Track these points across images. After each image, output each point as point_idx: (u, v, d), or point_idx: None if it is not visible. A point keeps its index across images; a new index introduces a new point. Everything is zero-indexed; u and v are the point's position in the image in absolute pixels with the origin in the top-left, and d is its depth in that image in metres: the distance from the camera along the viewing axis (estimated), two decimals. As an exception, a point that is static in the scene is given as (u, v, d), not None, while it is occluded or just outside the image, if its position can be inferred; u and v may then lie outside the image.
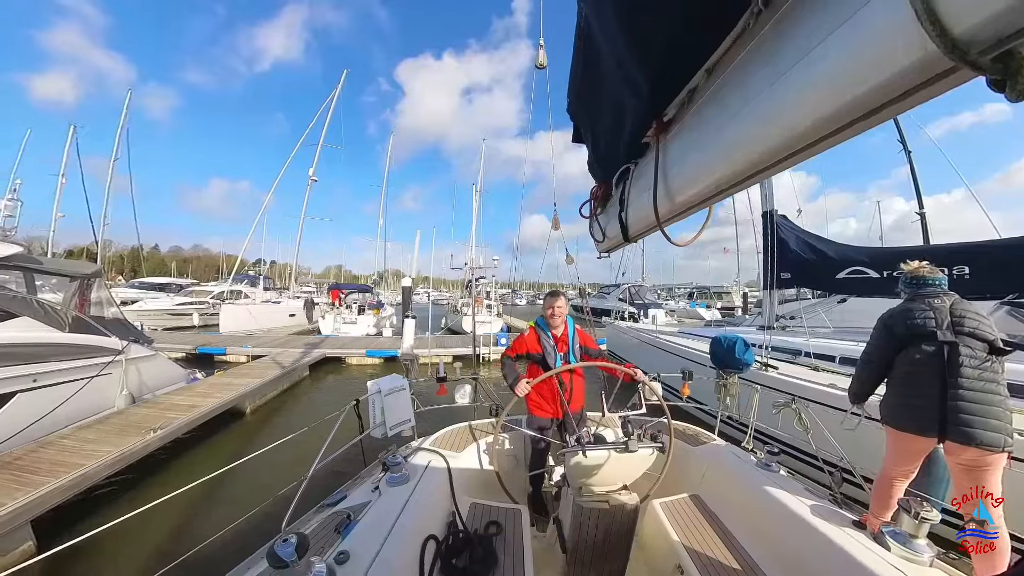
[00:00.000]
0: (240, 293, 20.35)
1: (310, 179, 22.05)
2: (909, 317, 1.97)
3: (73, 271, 5.59)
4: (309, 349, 10.74)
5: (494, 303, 19.07)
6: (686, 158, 0.96)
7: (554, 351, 2.64)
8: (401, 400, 3.08)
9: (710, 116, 0.86)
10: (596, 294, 26.86)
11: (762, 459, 2.36)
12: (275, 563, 1.08)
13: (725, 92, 0.81)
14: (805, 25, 0.60)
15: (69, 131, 25.27)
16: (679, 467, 2.56)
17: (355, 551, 1.40)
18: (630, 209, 1.36)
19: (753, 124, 0.72)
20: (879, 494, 2.00)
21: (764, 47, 0.70)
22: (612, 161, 1.44)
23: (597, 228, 1.79)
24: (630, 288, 21.27)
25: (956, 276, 4.46)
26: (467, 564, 1.67)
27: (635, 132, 1.20)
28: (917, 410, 1.86)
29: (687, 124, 0.98)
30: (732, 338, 3.44)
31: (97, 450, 4.21)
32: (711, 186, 0.91)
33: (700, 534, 2.04)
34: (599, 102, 1.40)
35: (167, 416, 5.21)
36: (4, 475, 3.65)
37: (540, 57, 3.83)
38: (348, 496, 1.99)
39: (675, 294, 36.57)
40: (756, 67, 0.71)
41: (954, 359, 1.80)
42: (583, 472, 2.02)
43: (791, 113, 0.64)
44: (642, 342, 8.89)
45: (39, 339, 4.69)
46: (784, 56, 0.63)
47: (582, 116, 1.68)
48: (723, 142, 0.81)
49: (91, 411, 5.20)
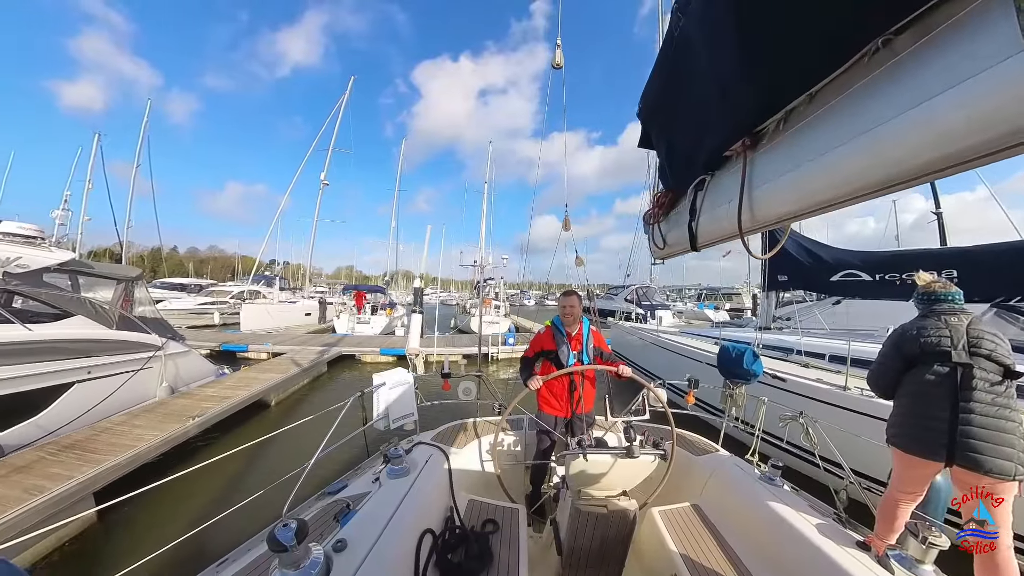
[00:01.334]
0: (258, 293, 21.09)
1: (321, 183, 22.71)
2: (922, 335, 1.88)
3: (119, 274, 6.11)
4: (327, 347, 11.24)
5: (502, 304, 19.45)
6: (779, 176, 0.98)
7: (568, 349, 2.64)
8: (404, 394, 3.13)
9: (809, 139, 0.89)
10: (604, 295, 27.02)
11: (766, 472, 2.27)
12: (275, 547, 1.09)
13: (830, 119, 0.84)
14: (928, 72, 0.64)
15: (94, 139, 26.46)
16: (680, 476, 2.52)
17: (353, 540, 1.41)
18: (702, 218, 1.36)
19: (859, 154, 0.75)
20: (884, 515, 1.91)
21: (880, 84, 0.73)
22: (688, 170, 1.45)
23: (657, 235, 1.79)
24: (638, 289, 21.44)
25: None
26: (462, 560, 1.67)
27: (720, 145, 1.20)
28: (926, 432, 1.78)
29: (783, 143, 0.99)
30: (741, 348, 3.37)
31: (144, 434, 4.68)
32: (804, 206, 0.94)
33: (698, 545, 2.00)
34: (683, 111, 1.41)
35: (202, 406, 5.67)
36: (69, 454, 4.12)
37: (557, 57, 3.77)
38: (349, 485, 2.01)
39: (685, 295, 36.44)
40: (869, 101, 0.74)
41: (967, 382, 1.72)
42: (583, 475, 1.99)
43: (901, 151, 0.67)
44: (645, 342, 9.16)
45: (92, 335, 5.19)
46: (902, 97, 0.67)
47: (657, 123, 1.67)
48: (824, 166, 0.84)
49: (136, 400, 5.70)
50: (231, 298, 20.65)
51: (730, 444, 2.98)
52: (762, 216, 1.06)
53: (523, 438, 2.97)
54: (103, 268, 6.19)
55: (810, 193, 0.89)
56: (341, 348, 11.44)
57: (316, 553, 1.22)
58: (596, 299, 33.24)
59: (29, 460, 4.00)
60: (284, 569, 1.14)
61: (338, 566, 1.27)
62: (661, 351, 8.15)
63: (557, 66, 3.77)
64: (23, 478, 3.68)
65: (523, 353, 2.86)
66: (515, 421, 3.12)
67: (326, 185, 22.89)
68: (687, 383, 3.53)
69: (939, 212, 9.41)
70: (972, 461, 1.65)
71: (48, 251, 5.09)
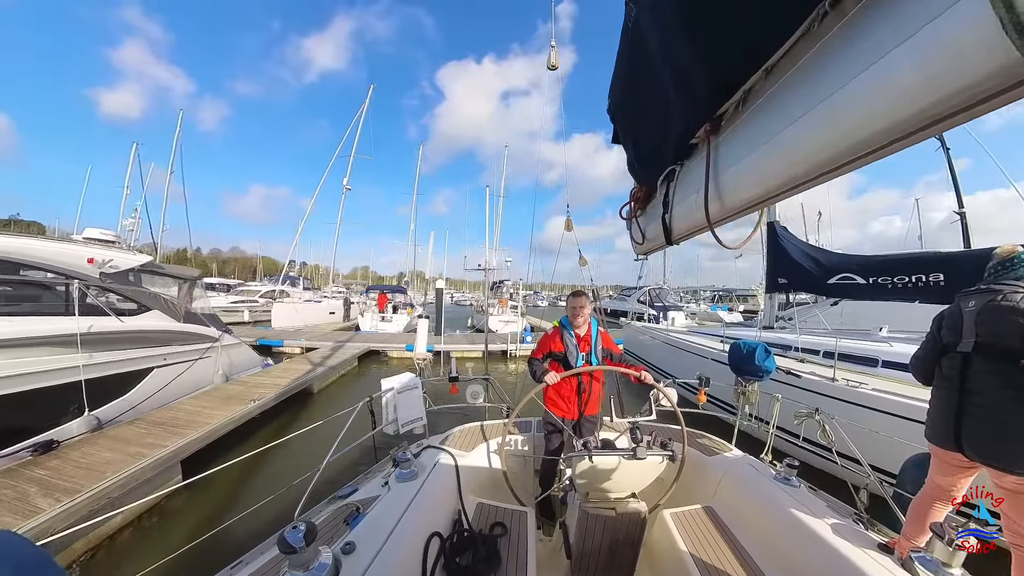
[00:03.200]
0: (284, 293, 22.13)
1: (344, 188, 23.66)
2: (951, 317, 1.78)
3: (184, 275, 6.92)
4: (355, 343, 12.02)
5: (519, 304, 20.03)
6: (740, 160, 0.95)
7: (576, 350, 2.63)
8: (413, 398, 3.13)
9: (768, 118, 0.86)
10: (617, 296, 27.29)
11: (781, 472, 2.22)
12: (285, 549, 1.11)
13: (786, 94, 0.81)
14: (876, 30, 0.60)
15: (132, 148, 28.11)
16: (692, 477, 2.47)
17: (361, 543, 1.43)
18: (675, 211, 1.33)
19: (817, 127, 0.71)
20: (915, 515, 1.83)
21: (831, 50, 0.69)
22: (656, 162, 1.41)
23: (636, 230, 1.77)
24: (650, 290, 21.70)
25: (932, 283, 5.09)
26: (470, 563, 1.66)
27: (684, 133, 1.19)
28: (940, 418, 1.73)
29: (742, 125, 0.96)
30: (752, 344, 3.28)
31: (215, 414, 5.41)
32: (769, 188, 0.90)
33: (712, 548, 1.94)
34: (645, 103, 1.38)
35: (256, 391, 6.40)
36: (158, 428, 4.86)
37: (552, 58, 3.67)
38: (359, 489, 2.02)
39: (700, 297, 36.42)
40: (821, 70, 0.71)
41: (969, 367, 1.64)
42: (590, 478, 1.98)
43: (859, 118, 0.63)
44: (655, 340, 9.64)
45: (166, 327, 5.96)
46: (853, 60, 0.63)
47: (624, 117, 1.65)
48: (783, 144, 0.80)
49: (198, 385, 6.47)
50: (260, 297, 21.74)
51: (744, 443, 2.92)
52: (730, 203, 1.02)
53: (531, 440, 2.95)
54: (171, 269, 6.98)
55: (772, 175, 0.86)
56: (369, 344, 12.22)
57: (324, 555, 1.23)
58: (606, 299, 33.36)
59: (127, 432, 4.75)
60: (293, 571, 1.15)
61: (346, 568, 1.29)
62: (670, 348, 8.64)
63: (553, 67, 3.70)
64: (124, 446, 4.41)
65: (531, 353, 2.84)
66: (523, 423, 3.09)
67: (348, 190, 23.87)
68: (698, 381, 3.43)
69: (962, 212, 9.17)
70: (978, 450, 1.58)
71: (132, 254, 5.87)
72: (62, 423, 4.55)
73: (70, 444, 4.37)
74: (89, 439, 4.53)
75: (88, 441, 4.48)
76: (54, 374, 4.43)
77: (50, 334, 4.42)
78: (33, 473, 3.77)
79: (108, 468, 3.89)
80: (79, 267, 4.90)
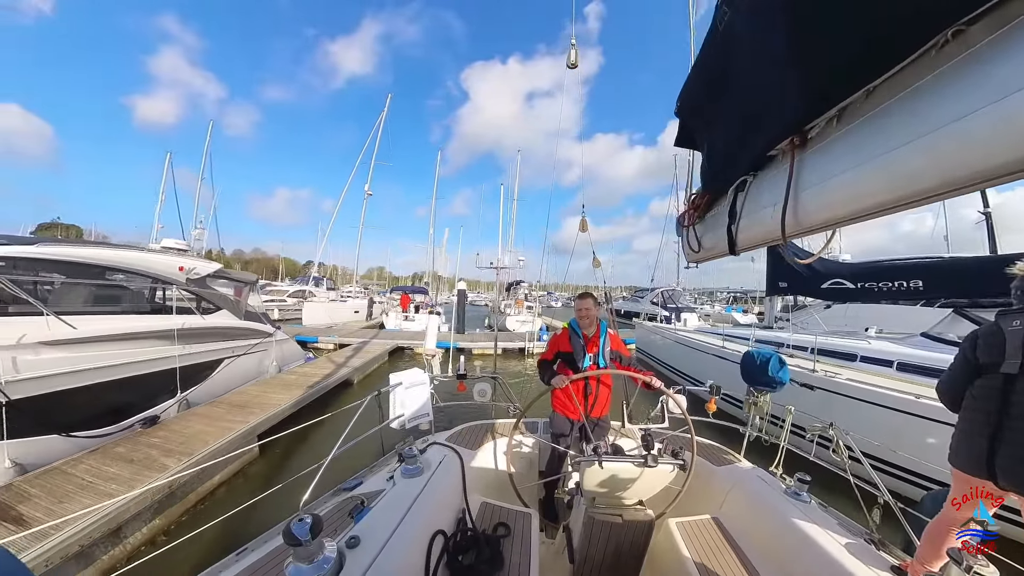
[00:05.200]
0: (311, 293, 23.36)
1: (366, 193, 24.77)
2: (984, 339, 1.68)
3: (245, 279, 7.91)
4: (384, 340, 12.98)
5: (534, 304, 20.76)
6: (829, 178, 0.93)
7: (583, 351, 2.62)
8: (420, 395, 3.13)
9: (866, 139, 0.83)
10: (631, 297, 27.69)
11: (791, 487, 2.17)
12: (290, 540, 1.11)
13: (890, 117, 0.79)
14: (1008, 66, 0.59)
15: (166, 157, 30.03)
16: (700, 486, 2.44)
17: (365, 537, 1.43)
18: (743, 221, 1.31)
19: (923, 155, 0.70)
20: (930, 538, 1.77)
21: (949, 79, 0.68)
22: (729, 170, 1.39)
23: (692, 238, 1.73)
24: (663, 292, 22.14)
25: (912, 288, 5.65)
26: (473, 562, 1.66)
27: (766, 144, 1.16)
28: (971, 443, 1.64)
29: (833, 142, 0.94)
30: (766, 354, 3.21)
31: (278, 397, 6.33)
32: (856, 209, 0.88)
33: (717, 560, 1.92)
34: (726, 109, 1.37)
35: (309, 380, 7.32)
36: (235, 409, 5.79)
37: (572, 56, 3.62)
38: (364, 483, 2.01)
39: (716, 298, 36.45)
40: (936, 98, 0.69)
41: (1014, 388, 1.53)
42: (598, 483, 1.94)
43: (975, 152, 0.63)
44: (666, 340, 10.28)
45: (233, 324, 6.92)
46: (976, 94, 0.62)
47: (699, 121, 1.62)
48: (881, 168, 0.79)
49: (256, 375, 7.43)
50: (288, 297, 23.03)
51: (753, 452, 2.90)
52: (808, 220, 1.02)
53: (537, 442, 2.93)
54: (235, 274, 7.95)
55: (863, 196, 0.85)
56: (396, 341, 13.17)
57: (329, 548, 1.23)
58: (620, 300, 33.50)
59: (210, 411, 5.69)
60: (298, 563, 1.16)
61: (350, 562, 1.29)
62: (678, 347, 9.29)
63: (572, 65, 3.66)
64: (213, 422, 5.33)
65: (540, 356, 2.85)
66: (530, 424, 3.08)
67: (369, 195, 25.00)
68: (708, 390, 3.40)
69: (988, 212, 8.75)
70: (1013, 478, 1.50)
71: (207, 262, 6.84)
72: (159, 403, 5.48)
73: (168, 420, 5.31)
74: (182, 416, 5.46)
75: (181, 418, 5.41)
76: (158, 362, 5.37)
77: (156, 329, 5.37)
78: (149, 440, 4.69)
79: (208, 437, 4.80)
80: (173, 274, 5.86)
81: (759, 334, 7.04)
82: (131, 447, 4.50)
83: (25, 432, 3.98)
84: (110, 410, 4.88)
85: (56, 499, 3.47)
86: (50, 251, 4.66)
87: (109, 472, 3.95)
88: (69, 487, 3.66)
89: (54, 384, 4.25)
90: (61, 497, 3.50)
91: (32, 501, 3.43)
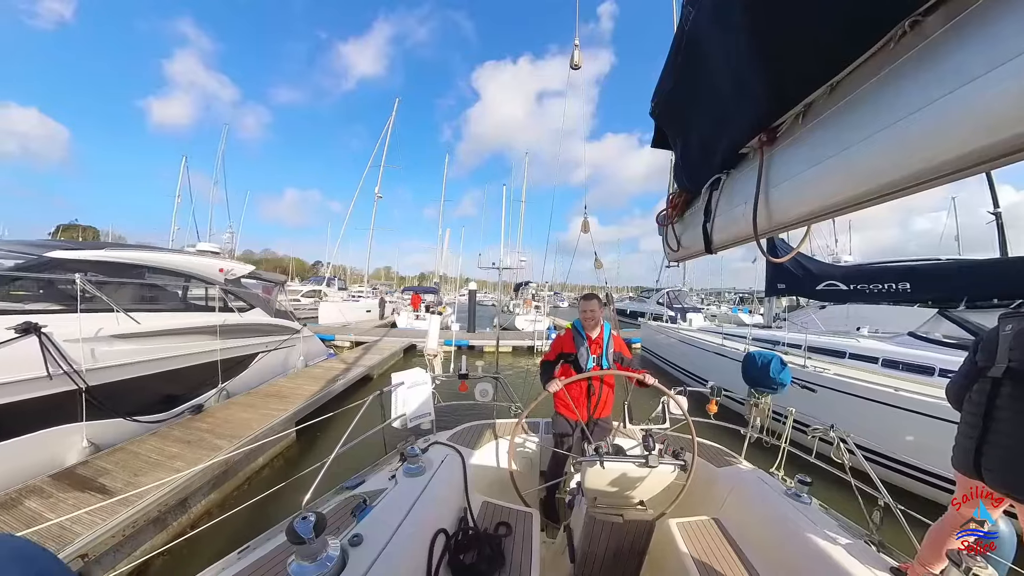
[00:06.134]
0: (324, 293, 24.03)
1: (376, 197, 25.37)
2: (988, 340, 1.69)
3: (275, 279, 8.48)
4: (398, 338, 13.54)
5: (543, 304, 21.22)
6: (797, 174, 0.94)
7: (587, 352, 2.63)
8: (422, 394, 3.14)
9: (831, 134, 0.84)
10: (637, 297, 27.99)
11: (792, 488, 2.18)
12: (293, 539, 1.11)
13: (853, 111, 0.80)
14: (964, 55, 0.59)
15: (182, 160, 30.98)
16: (701, 487, 2.47)
17: (368, 535, 1.44)
18: (718, 220, 1.32)
19: (886, 148, 0.71)
20: (932, 541, 1.78)
21: (908, 71, 0.68)
22: (703, 169, 1.40)
23: (672, 237, 1.74)
24: (669, 292, 22.47)
25: (900, 290, 6.04)
26: (474, 561, 1.67)
27: (737, 142, 1.18)
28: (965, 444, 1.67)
29: (800, 139, 0.95)
30: (768, 356, 3.23)
31: (309, 388, 6.87)
32: (825, 205, 0.89)
33: (717, 560, 1.94)
34: (696, 108, 1.37)
35: (332, 374, 7.85)
36: (271, 399, 6.34)
37: (576, 58, 3.56)
38: (366, 481, 2.02)
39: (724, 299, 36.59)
40: (896, 90, 0.70)
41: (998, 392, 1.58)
42: (599, 483, 1.97)
43: (937, 142, 0.62)
44: (670, 339, 10.70)
45: (266, 321, 7.47)
46: (935, 83, 0.62)
47: (672, 121, 1.63)
48: (846, 163, 0.79)
49: (284, 369, 7.99)
50: (302, 296, 23.74)
51: (754, 453, 2.91)
52: (779, 217, 1.03)
53: (539, 442, 2.95)
54: (265, 275, 8.53)
55: (831, 192, 0.85)
56: (409, 339, 13.75)
57: (332, 547, 1.24)
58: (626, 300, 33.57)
59: (249, 400, 6.24)
60: (301, 561, 1.16)
61: (353, 560, 1.30)
62: (681, 345, 9.71)
63: (576, 67, 3.61)
64: (253, 410, 5.87)
65: (543, 356, 2.86)
66: (531, 424, 3.09)
67: (380, 198, 25.61)
68: (709, 391, 3.40)
69: (997, 212, 8.92)
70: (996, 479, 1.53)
71: (243, 265, 7.41)
72: (203, 393, 6.03)
73: (211, 408, 5.85)
74: (224, 405, 6.01)
75: (223, 407, 5.96)
76: (202, 355, 5.92)
77: (201, 325, 5.92)
78: (200, 426, 5.23)
79: (252, 423, 5.33)
80: (214, 275, 6.41)
81: (756, 332, 7.48)
82: (185, 431, 5.04)
83: (99, 415, 4.53)
84: (163, 398, 5.43)
85: (132, 473, 4.00)
86: (117, 255, 5.23)
87: (171, 451, 4.49)
88: (140, 464, 4.20)
89: (123, 373, 4.80)
90: (135, 471, 4.03)
91: (111, 474, 3.97)
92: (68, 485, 3.73)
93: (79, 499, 3.49)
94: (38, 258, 4.61)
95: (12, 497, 3.50)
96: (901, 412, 4.39)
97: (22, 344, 3.98)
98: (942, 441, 1.88)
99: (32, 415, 4.03)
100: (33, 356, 4.01)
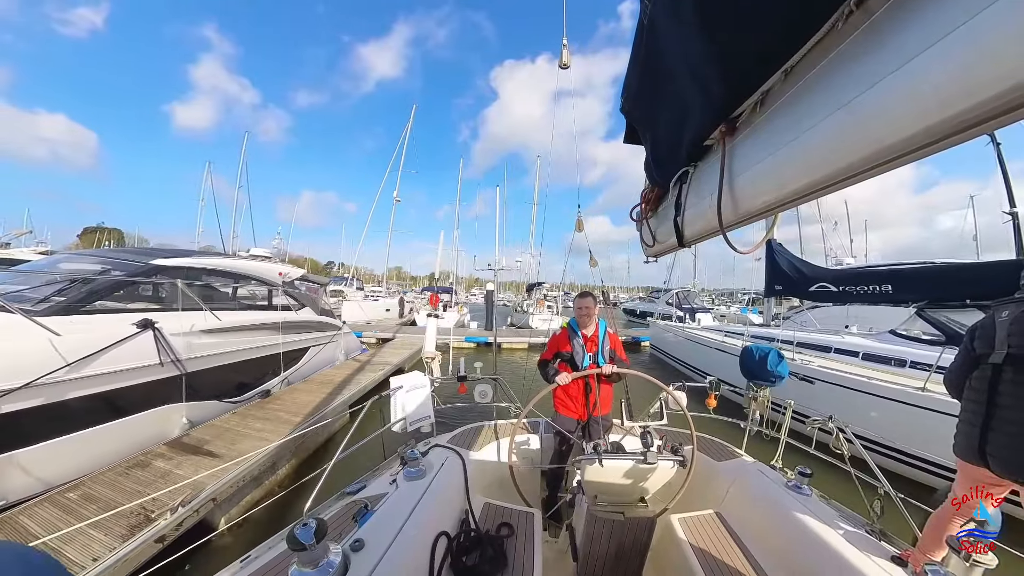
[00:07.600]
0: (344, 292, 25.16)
1: (394, 200, 26.36)
2: (985, 327, 1.72)
3: (320, 280, 9.46)
4: (419, 334, 14.44)
5: (555, 304, 22.00)
6: (756, 163, 0.95)
7: (583, 351, 2.65)
8: (421, 397, 3.16)
9: (787, 121, 0.85)
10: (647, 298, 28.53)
11: (792, 480, 2.19)
12: (294, 545, 1.11)
13: (806, 96, 0.80)
14: (906, 31, 0.59)
15: (206, 166, 32.49)
16: (701, 482, 2.48)
17: (370, 540, 1.44)
18: (687, 214, 1.33)
19: (839, 132, 0.71)
20: (933, 528, 1.81)
21: (855, 51, 0.68)
22: (670, 163, 1.42)
23: (647, 232, 1.75)
24: (678, 292, 23.01)
25: (883, 291, 6.71)
26: (476, 563, 1.68)
27: (699, 134, 1.18)
28: (967, 431, 1.69)
29: (758, 128, 0.96)
30: (765, 349, 3.29)
31: (354, 377, 7.80)
32: (785, 194, 0.90)
33: (720, 554, 1.95)
34: (660, 101, 1.38)
35: (370, 366, 8.77)
36: (325, 386, 7.27)
37: (564, 57, 3.63)
38: (367, 486, 2.02)
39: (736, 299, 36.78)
40: (845, 72, 0.70)
41: (1000, 378, 1.60)
42: (599, 481, 1.97)
43: (885, 122, 0.62)
44: (677, 337, 11.45)
45: (314, 319, 8.42)
46: (880, 62, 0.62)
47: (639, 115, 1.64)
48: (802, 149, 0.80)
49: (330, 362, 8.95)
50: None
51: (754, 447, 2.94)
52: (744, 208, 1.03)
53: (539, 441, 2.98)
54: (313, 277, 9.50)
55: (789, 180, 0.86)
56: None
57: (334, 552, 1.24)
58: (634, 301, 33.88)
59: (307, 387, 7.19)
60: (303, 567, 1.17)
61: (355, 566, 1.30)
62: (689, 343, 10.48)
63: (564, 66, 3.62)
64: (313, 395, 6.80)
65: (540, 356, 2.90)
66: (531, 424, 3.12)
67: (398, 202, 26.62)
68: (708, 386, 3.41)
69: (1014, 212, 8.53)
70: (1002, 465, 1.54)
71: (296, 268, 8.37)
72: (269, 380, 6.97)
73: (277, 393, 6.80)
74: (286, 391, 6.95)
75: (286, 393, 6.89)
76: (268, 348, 6.86)
77: (267, 321, 6.87)
78: (272, 407, 6.16)
79: (315, 406, 6.26)
80: (274, 278, 7.37)
81: (753, 330, 8.23)
82: (261, 412, 5.96)
83: (194, 397, 5.47)
84: (239, 384, 6.38)
85: (229, 442, 4.92)
86: (202, 262, 6.20)
87: (256, 427, 5.42)
88: (232, 435, 5.11)
89: (211, 362, 5.75)
90: (232, 441, 4.95)
91: (213, 443, 4.89)
92: (181, 451, 4.66)
93: (194, 462, 4.35)
94: (146, 265, 5.57)
95: (142, 459, 4.42)
96: (880, 400, 5.07)
97: (139, 337, 4.93)
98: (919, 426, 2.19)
99: (149, 395, 4.97)
100: (146, 347, 4.95)
